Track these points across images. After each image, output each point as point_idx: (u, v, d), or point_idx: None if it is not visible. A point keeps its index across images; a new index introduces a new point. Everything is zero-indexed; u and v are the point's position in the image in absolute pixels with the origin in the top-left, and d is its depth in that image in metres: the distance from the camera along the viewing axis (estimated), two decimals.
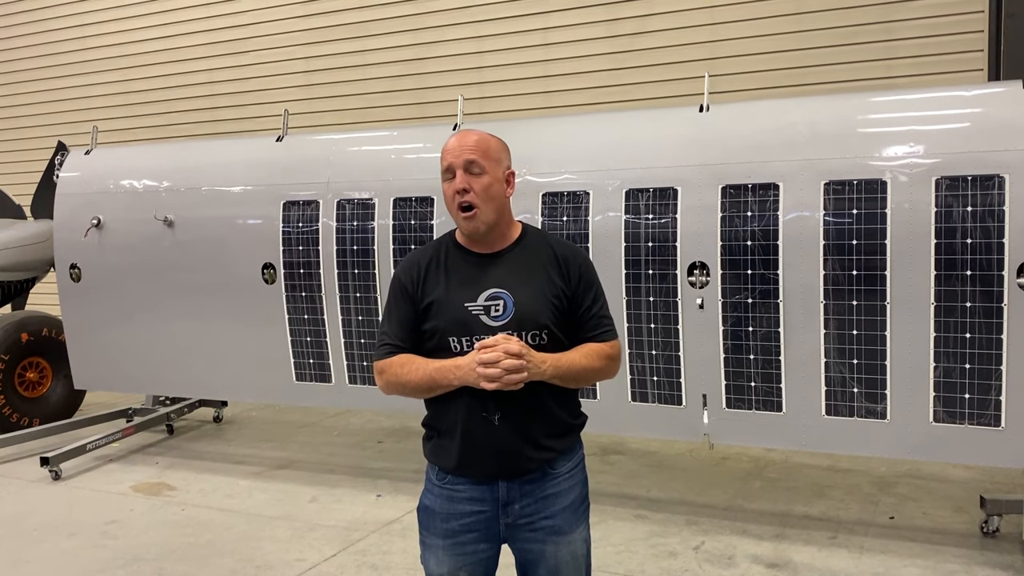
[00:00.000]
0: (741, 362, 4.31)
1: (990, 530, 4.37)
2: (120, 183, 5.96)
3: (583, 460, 2.39)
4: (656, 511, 4.87)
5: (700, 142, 4.42)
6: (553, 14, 7.91)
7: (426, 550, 2.33)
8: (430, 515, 2.31)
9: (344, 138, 5.75)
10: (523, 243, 2.32)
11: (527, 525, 2.26)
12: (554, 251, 2.30)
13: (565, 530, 2.28)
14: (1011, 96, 3.98)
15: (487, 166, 2.23)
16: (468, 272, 2.26)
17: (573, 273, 2.28)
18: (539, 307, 2.22)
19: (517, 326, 2.19)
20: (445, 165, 2.24)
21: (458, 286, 2.25)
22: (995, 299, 3.83)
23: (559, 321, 2.25)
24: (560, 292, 2.25)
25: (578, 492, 2.34)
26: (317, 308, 5.29)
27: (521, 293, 2.22)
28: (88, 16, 10.34)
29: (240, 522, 4.90)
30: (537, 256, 2.29)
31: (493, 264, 2.27)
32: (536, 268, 2.27)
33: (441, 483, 2.29)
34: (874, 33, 6.79)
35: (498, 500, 2.25)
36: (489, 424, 2.19)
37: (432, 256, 2.32)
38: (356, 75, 8.83)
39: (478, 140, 2.24)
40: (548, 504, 2.26)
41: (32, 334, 6.93)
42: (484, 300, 2.22)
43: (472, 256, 2.29)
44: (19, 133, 10.98)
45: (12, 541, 4.72)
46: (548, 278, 2.26)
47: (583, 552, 2.34)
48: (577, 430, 2.37)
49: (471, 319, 2.20)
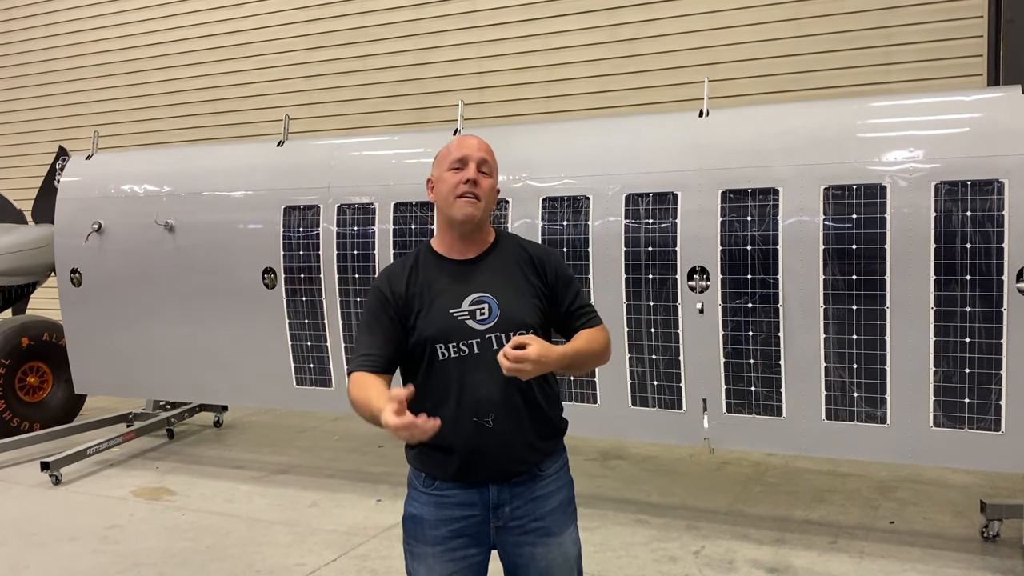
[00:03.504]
0: (741, 367, 4.31)
1: (990, 535, 4.36)
2: (121, 188, 5.97)
3: (567, 462, 2.42)
4: (656, 516, 4.87)
5: (700, 147, 4.43)
6: (553, 19, 7.93)
7: (414, 560, 2.30)
8: (418, 523, 2.28)
9: (345, 143, 5.76)
10: (497, 248, 2.35)
11: (517, 528, 2.26)
12: (528, 252, 2.35)
13: (555, 531, 2.29)
14: (1010, 101, 3.98)
15: (493, 171, 2.33)
16: (449, 279, 2.27)
17: (550, 272, 2.33)
18: (523, 308, 2.25)
19: (503, 328, 2.21)
20: (459, 156, 2.27)
21: (440, 294, 2.26)
22: (995, 304, 3.83)
23: (542, 320, 2.29)
24: (539, 292, 2.30)
25: (565, 493, 2.35)
26: (317, 313, 5.30)
27: (504, 296, 2.24)
28: (91, 22, 10.38)
29: (240, 527, 4.90)
30: (512, 259, 2.33)
31: (472, 270, 2.29)
32: (513, 270, 2.30)
33: (428, 489, 2.28)
34: (873, 38, 6.81)
35: (488, 504, 2.25)
36: (483, 428, 2.20)
37: (411, 266, 2.32)
38: (357, 80, 8.86)
39: (489, 147, 2.35)
40: (538, 506, 2.27)
41: (33, 339, 6.93)
42: (468, 305, 2.23)
43: (450, 264, 2.31)
44: (21, 138, 11.02)
45: (12, 545, 4.71)
46: (526, 279, 2.30)
47: (574, 554, 2.35)
48: (562, 432, 2.40)
49: (457, 324, 2.21)
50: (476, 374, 2.20)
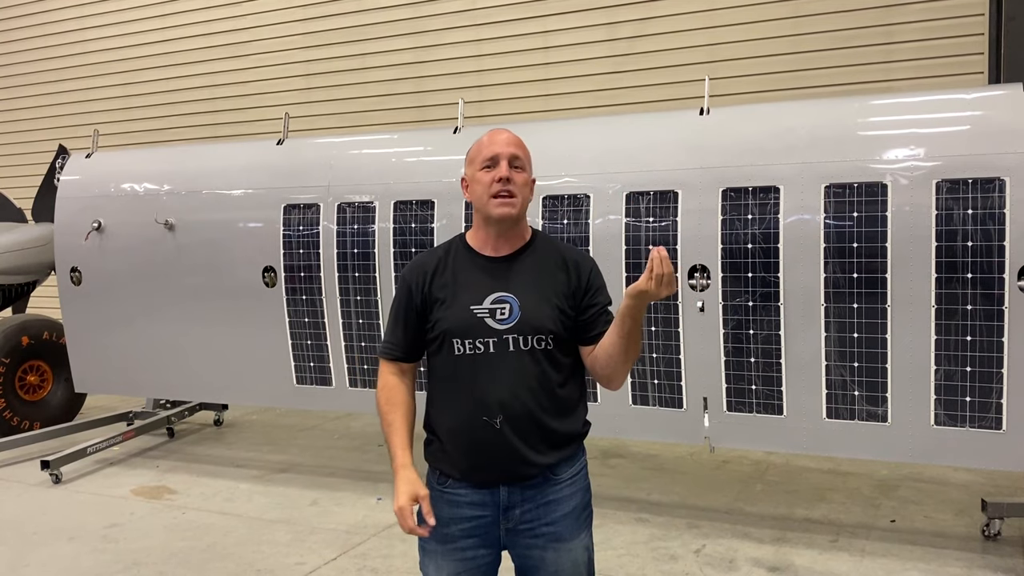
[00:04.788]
0: (742, 365, 4.31)
1: (991, 533, 4.36)
2: (121, 186, 5.96)
3: (586, 467, 2.37)
4: (657, 514, 4.86)
5: (700, 145, 4.42)
6: (552, 17, 7.92)
7: (425, 556, 2.32)
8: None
9: (344, 141, 5.75)
10: (533, 248, 2.32)
11: (528, 531, 2.25)
12: (564, 257, 2.31)
13: (566, 537, 2.26)
14: (1011, 99, 3.98)
15: (525, 164, 2.30)
16: (476, 275, 2.26)
17: (584, 278, 2.29)
18: (545, 313, 2.22)
19: (522, 331, 2.19)
20: (489, 154, 2.25)
21: (464, 288, 2.25)
22: (996, 302, 3.83)
23: (565, 327, 2.24)
24: (569, 296, 2.26)
25: (580, 499, 2.31)
26: (318, 311, 5.30)
27: (528, 298, 2.22)
28: (88, 20, 10.37)
29: (240, 526, 4.90)
30: (546, 262, 2.29)
31: (502, 268, 2.27)
32: (544, 274, 2.27)
33: (442, 488, 2.28)
34: (873, 36, 6.80)
35: (499, 505, 2.23)
36: (491, 428, 2.18)
37: (441, 257, 2.32)
38: (356, 78, 8.85)
39: (519, 140, 2.31)
40: (549, 510, 2.25)
41: (33, 337, 6.92)
42: (490, 303, 2.21)
43: (481, 259, 2.29)
44: (20, 137, 11.01)
45: (12, 544, 4.71)
46: (556, 284, 2.26)
47: (584, 560, 2.32)
48: (580, 437, 2.34)
49: (476, 322, 2.20)
50: (489, 373, 2.19)
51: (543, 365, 2.21)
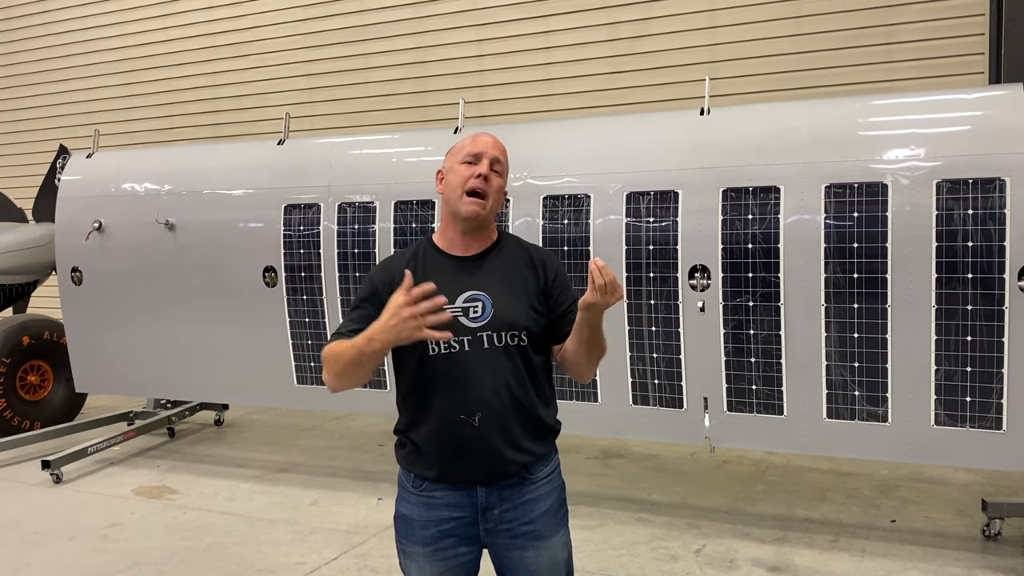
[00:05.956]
0: (742, 365, 4.31)
1: (992, 533, 4.36)
2: (121, 186, 5.97)
3: (559, 466, 2.39)
4: (657, 514, 4.86)
5: (701, 145, 4.42)
6: (553, 17, 7.92)
7: (407, 558, 2.31)
8: (408, 523, 2.29)
9: (345, 141, 5.75)
10: (500, 248, 2.34)
11: (507, 531, 2.25)
12: (531, 256, 2.34)
13: (546, 535, 2.28)
14: (1012, 99, 3.98)
15: (503, 172, 2.33)
16: (446, 274, 2.25)
17: (551, 276, 2.32)
18: (517, 310, 2.24)
19: (495, 327, 2.20)
20: (475, 150, 2.27)
21: (435, 288, 2.24)
22: (996, 302, 3.83)
23: (536, 323, 2.27)
24: (539, 294, 2.29)
25: (556, 497, 2.33)
26: (318, 311, 5.30)
27: (499, 296, 2.24)
28: (89, 20, 10.38)
29: (241, 525, 4.90)
30: (515, 260, 2.32)
31: (471, 267, 2.29)
32: (514, 272, 2.29)
33: (418, 491, 2.27)
34: (874, 36, 6.80)
35: (477, 506, 2.24)
36: (469, 426, 2.18)
37: (409, 259, 2.31)
38: (356, 79, 8.85)
39: (504, 147, 2.35)
40: (528, 509, 2.26)
41: (34, 337, 6.93)
42: (462, 302, 2.22)
43: (450, 259, 2.30)
44: (21, 136, 11.02)
45: (13, 544, 4.72)
46: (526, 282, 2.29)
47: (563, 557, 2.34)
48: (554, 434, 2.37)
49: (450, 320, 2.20)
50: (465, 371, 2.19)
51: (517, 361, 2.23)
